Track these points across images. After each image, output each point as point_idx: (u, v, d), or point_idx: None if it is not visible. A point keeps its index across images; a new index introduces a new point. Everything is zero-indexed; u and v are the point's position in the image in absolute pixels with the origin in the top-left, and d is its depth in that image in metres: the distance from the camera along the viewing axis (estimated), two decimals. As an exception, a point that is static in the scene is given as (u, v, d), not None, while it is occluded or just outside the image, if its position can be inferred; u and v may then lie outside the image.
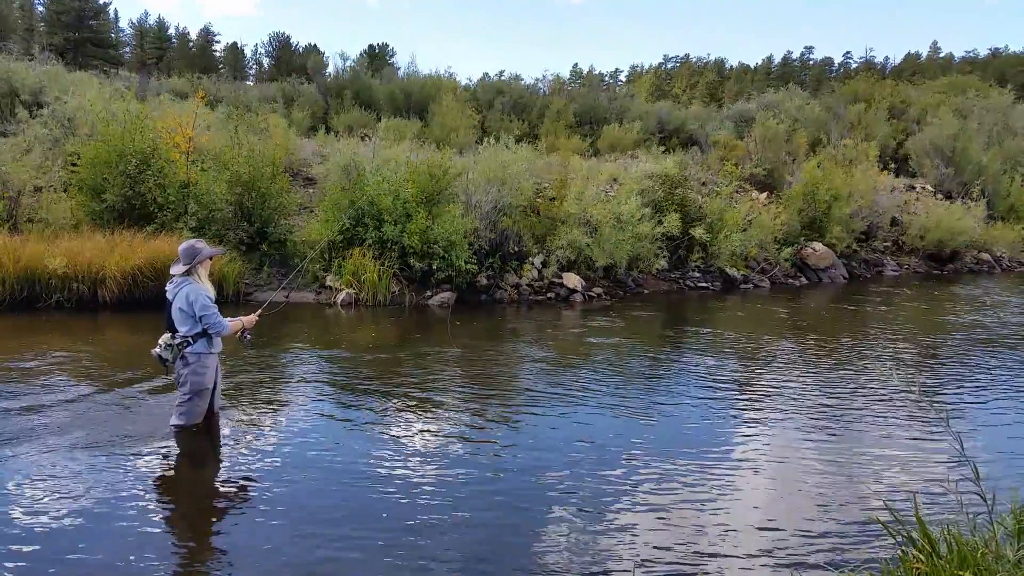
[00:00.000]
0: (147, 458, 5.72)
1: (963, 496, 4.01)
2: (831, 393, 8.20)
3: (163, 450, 5.91)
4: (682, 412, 7.41)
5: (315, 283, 13.81)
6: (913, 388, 8.33)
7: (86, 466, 5.48)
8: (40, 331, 10.21)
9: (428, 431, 6.60)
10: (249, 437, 6.30)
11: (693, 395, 8.05)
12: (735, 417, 7.30)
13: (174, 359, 6.04)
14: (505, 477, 5.56)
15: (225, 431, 6.41)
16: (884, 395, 8.13)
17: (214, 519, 4.91)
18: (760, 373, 9.11)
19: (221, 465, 5.82)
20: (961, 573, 3.13)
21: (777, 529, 4.83)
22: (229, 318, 6.23)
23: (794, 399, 7.95)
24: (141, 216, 13.41)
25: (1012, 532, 3.58)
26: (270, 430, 6.51)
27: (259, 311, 6.80)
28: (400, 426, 6.72)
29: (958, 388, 8.61)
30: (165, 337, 6.06)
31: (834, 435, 6.78)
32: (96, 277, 11.70)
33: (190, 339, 6.03)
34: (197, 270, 6.13)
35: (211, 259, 6.31)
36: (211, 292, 6.16)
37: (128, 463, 5.59)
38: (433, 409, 7.29)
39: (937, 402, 7.94)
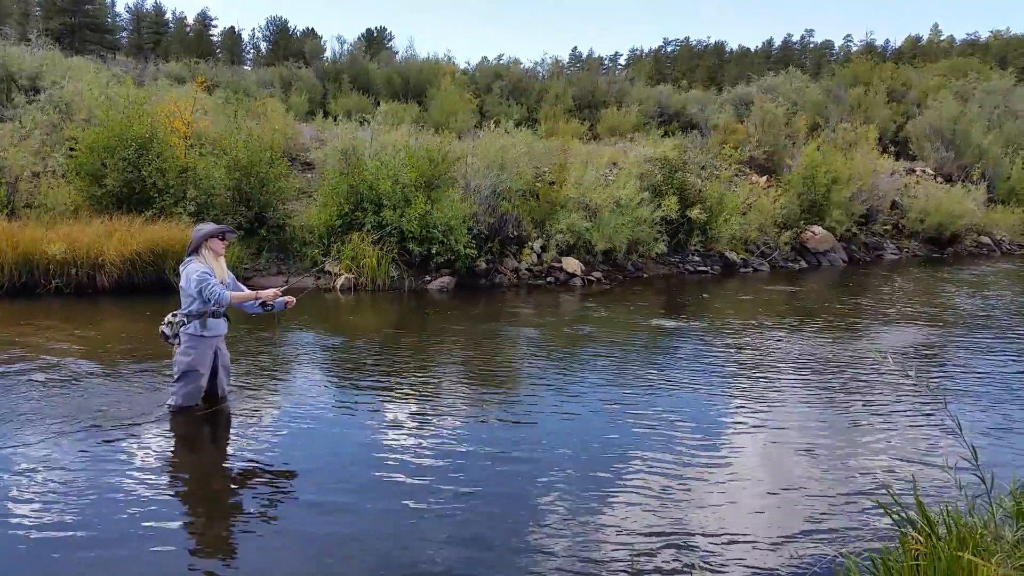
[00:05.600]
0: (143, 442, 5.71)
1: (961, 478, 4.02)
2: (829, 376, 8.21)
3: (158, 434, 5.91)
4: (680, 396, 7.42)
5: (314, 268, 13.80)
6: (910, 371, 8.33)
7: (81, 450, 5.48)
8: (38, 317, 10.20)
9: (427, 416, 6.61)
10: (248, 421, 6.31)
11: (691, 379, 8.06)
12: (732, 402, 7.31)
13: (174, 336, 6.09)
14: (503, 462, 5.56)
15: (225, 415, 6.41)
16: (883, 378, 8.14)
17: (209, 503, 4.92)
18: (758, 357, 9.12)
19: (217, 448, 5.84)
20: (960, 554, 3.14)
21: (776, 511, 4.85)
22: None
23: (792, 382, 7.96)
24: (140, 201, 13.37)
25: (1011, 513, 3.59)
26: (270, 415, 6.52)
27: (283, 287, 6.69)
28: (400, 412, 6.73)
29: (956, 370, 8.62)
30: (170, 314, 6.12)
31: (832, 418, 6.79)
32: (95, 262, 11.68)
33: (185, 319, 6.06)
34: (203, 251, 6.14)
35: (222, 239, 6.26)
36: (213, 270, 6.10)
37: (124, 446, 5.59)
38: (432, 394, 7.30)
39: (935, 385, 7.95)
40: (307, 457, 5.61)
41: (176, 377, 6.20)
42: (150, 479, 5.08)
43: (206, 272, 6.02)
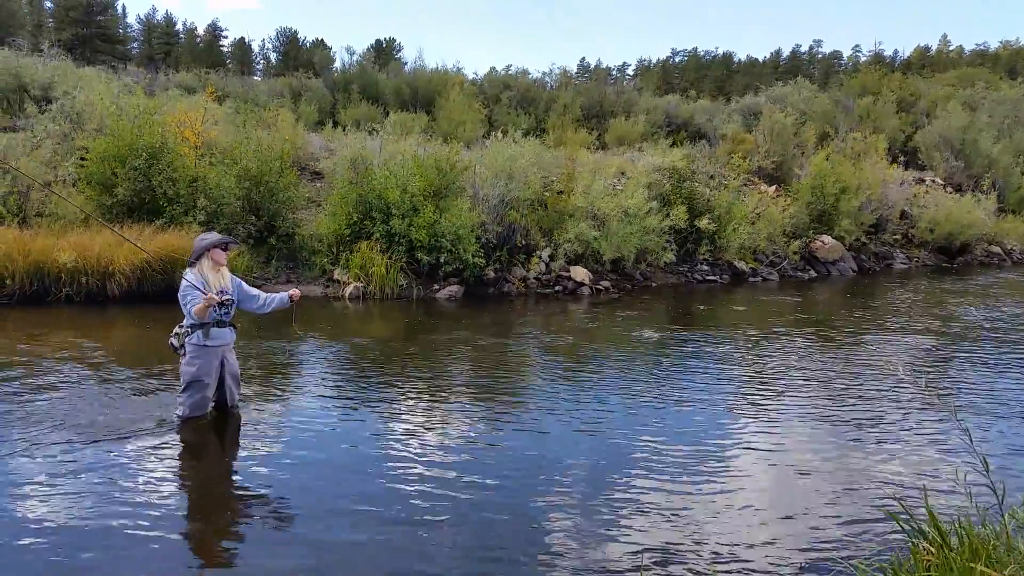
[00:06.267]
0: (151, 451, 5.72)
1: (973, 489, 3.99)
2: (839, 387, 8.17)
3: (167, 443, 5.92)
4: (688, 405, 7.39)
5: (323, 276, 13.84)
6: (920, 382, 8.29)
7: (89, 459, 5.50)
8: (49, 325, 10.25)
9: (433, 427, 6.60)
10: (255, 430, 6.31)
11: (700, 389, 8.03)
12: (742, 411, 7.27)
13: (181, 347, 6.14)
14: (509, 471, 5.55)
15: (233, 424, 6.42)
16: (892, 388, 8.09)
17: (216, 512, 4.92)
18: (768, 367, 9.08)
19: (225, 457, 5.86)
20: (973, 565, 3.11)
21: (786, 522, 4.82)
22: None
23: (802, 393, 7.92)
24: (150, 210, 13.44)
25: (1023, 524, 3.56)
26: (277, 424, 6.52)
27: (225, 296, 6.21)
28: (407, 420, 6.73)
29: (966, 382, 8.56)
30: (178, 325, 6.21)
31: (843, 428, 6.75)
32: (105, 271, 11.74)
33: (189, 329, 6.10)
34: (203, 261, 6.16)
35: (223, 249, 6.28)
36: (208, 280, 6.11)
37: (132, 455, 5.60)
38: (440, 403, 7.29)
39: (945, 395, 7.90)
40: (314, 466, 5.61)
41: (182, 387, 6.23)
42: (157, 488, 5.08)
43: (190, 286, 6.03)
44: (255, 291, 6.53)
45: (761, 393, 7.88)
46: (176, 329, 6.20)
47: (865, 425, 6.84)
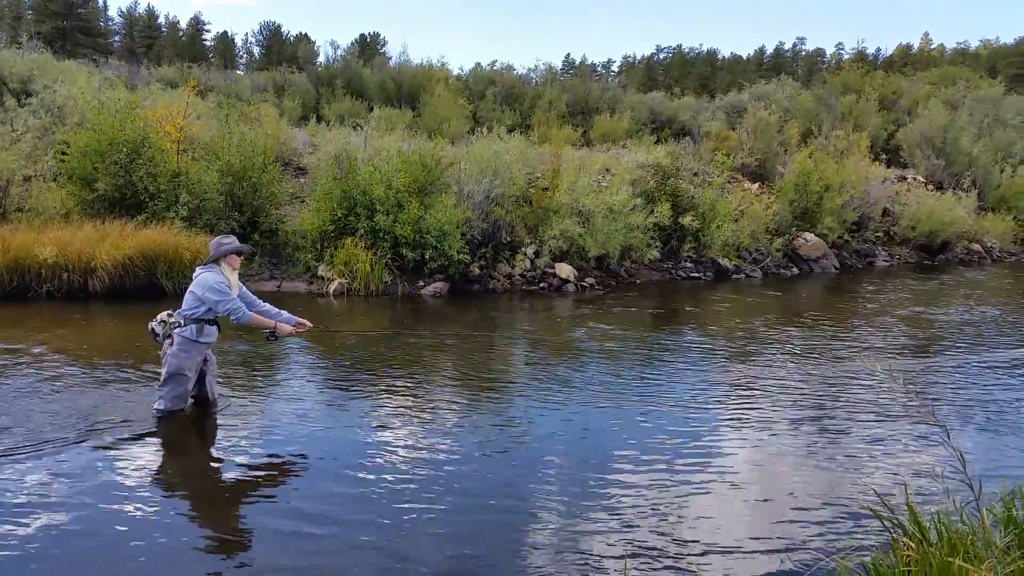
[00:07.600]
0: (131, 446, 5.70)
1: (951, 485, 4.05)
2: (821, 385, 8.24)
3: (148, 438, 5.90)
4: (672, 404, 7.42)
5: (307, 273, 13.78)
6: (898, 381, 8.36)
7: (69, 456, 5.46)
8: (29, 321, 10.15)
9: (418, 423, 6.60)
10: (237, 426, 6.29)
11: (683, 387, 8.07)
12: (725, 409, 7.32)
13: (164, 336, 6.11)
14: (495, 469, 5.56)
15: (214, 419, 6.40)
16: (873, 387, 8.16)
17: (198, 507, 4.90)
18: (750, 365, 9.14)
19: (206, 453, 5.84)
20: (951, 560, 3.16)
21: (767, 521, 4.86)
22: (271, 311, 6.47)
23: (784, 391, 7.98)
24: (132, 206, 13.34)
25: (1001, 519, 3.61)
26: (259, 420, 6.50)
27: (298, 324, 6.60)
28: (391, 418, 6.72)
29: (944, 380, 8.66)
30: (164, 313, 6.13)
31: (824, 427, 6.81)
32: (86, 267, 11.64)
33: (181, 321, 6.07)
34: (222, 264, 6.21)
35: (239, 256, 6.38)
36: (231, 284, 6.21)
37: (113, 451, 5.57)
38: (424, 401, 7.30)
39: (922, 394, 7.98)
40: (297, 462, 5.61)
41: (163, 379, 6.21)
42: (140, 483, 5.06)
43: (226, 285, 6.11)
44: (256, 300, 6.68)
45: (741, 392, 7.93)
46: (163, 316, 6.16)
47: (844, 423, 6.90)
